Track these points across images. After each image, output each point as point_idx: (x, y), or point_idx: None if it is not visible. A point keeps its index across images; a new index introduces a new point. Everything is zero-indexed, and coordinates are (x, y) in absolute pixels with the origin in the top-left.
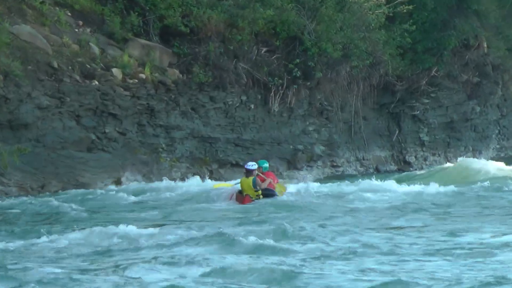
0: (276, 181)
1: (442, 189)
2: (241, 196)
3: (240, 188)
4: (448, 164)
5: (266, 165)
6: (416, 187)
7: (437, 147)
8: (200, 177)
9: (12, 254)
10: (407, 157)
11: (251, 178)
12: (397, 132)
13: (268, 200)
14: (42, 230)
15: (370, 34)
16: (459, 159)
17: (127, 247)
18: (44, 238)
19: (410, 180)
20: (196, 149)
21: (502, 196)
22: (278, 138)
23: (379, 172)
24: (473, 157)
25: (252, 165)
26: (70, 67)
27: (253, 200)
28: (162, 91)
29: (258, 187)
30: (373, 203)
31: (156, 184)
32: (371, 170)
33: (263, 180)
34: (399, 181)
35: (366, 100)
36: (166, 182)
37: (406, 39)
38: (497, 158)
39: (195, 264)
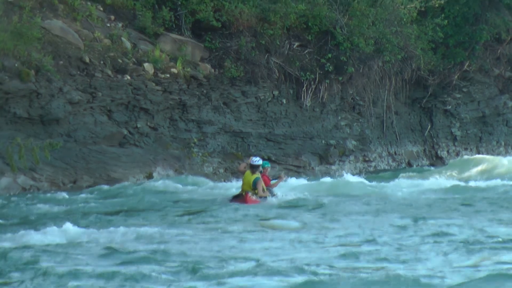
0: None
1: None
2: (241, 197)
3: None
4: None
5: (267, 166)
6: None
7: (469, 142)
8: (233, 174)
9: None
10: (439, 151)
11: (254, 176)
12: (429, 126)
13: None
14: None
15: (402, 28)
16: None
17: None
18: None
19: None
20: (228, 144)
21: None
22: (310, 133)
23: (411, 167)
24: (505, 152)
25: (257, 161)
26: (101, 62)
27: (257, 201)
28: (194, 86)
29: (256, 190)
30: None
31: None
32: (403, 165)
33: (268, 182)
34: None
35: (398, 95)
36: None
37: (438, 33)
38: None
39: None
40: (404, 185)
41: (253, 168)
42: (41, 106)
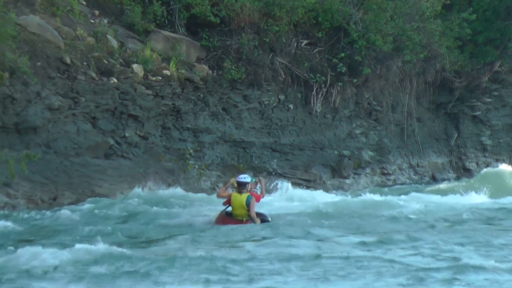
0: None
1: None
2: (227, 218)
3: (226, 209)
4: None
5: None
6: None
7: (501, 152)
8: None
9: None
10: (467, 163)
11: (245, 195)
12: (455, 135)
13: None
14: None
15: (425, 24)
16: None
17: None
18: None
19: None
20: (228, 155)
21: None
22: (321, 143)
23: (436, 181)
24: None
25: (244, 178)
26: (84, 63)
27: (242, 222)
28: (189, 90)
29: (251, 209)
30: None
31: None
32: (427, 179)
33: (258, 199)
34: None
35: (420, 99)
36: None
37: (465, 29)
38: None
39: None
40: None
41: (241, 186)
42: (16, 113)
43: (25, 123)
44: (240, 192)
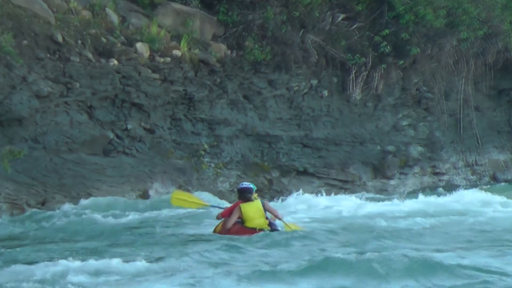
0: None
1: None
2: (242, 228)
3: (235, 218)
4: None
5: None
6: None
7: None
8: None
9: None
10: None
11: (258, 201)
12: None
13: None
14: None
15: None
16: None
17: None
18: None
19: None
20: (250, 151)
21: None
22: (361, 136)
23: (497, 182)
24: None
25: (248, 184)
26: (79, 42)
27: (255, 231)
28: (203, 73)
29: (273, 210)
30: None
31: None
32: (486, 179)
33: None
34: None
35: (479, 84)
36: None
37: None
38: None
39: None
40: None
41: (248, 193)
42: None
43: (9, 113)
44: (248, 199)
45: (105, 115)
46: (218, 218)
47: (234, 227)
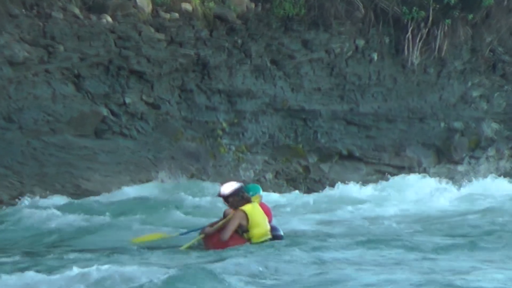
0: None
1: None
2: (237, 237)
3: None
4: None
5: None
6: None
7: None
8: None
9: None
10: None
11: (256, 204)
12: None
13: None
14: None
15: None
16: None
17: None
18: None
19: None
20: (280, 130)
21: None
22: (420, 111)
23: None
24: None
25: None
26: None
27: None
28: (220, 33)
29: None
30: None
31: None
32: None
33: (267, 211)
34: None
35: None
36: None
37: None
38: None
39: None
40: None
41: (245, 192)
42: None
43: None
44: (248, 200)
45: (97, 87)
46: (206, 233)
47: (233, 239)
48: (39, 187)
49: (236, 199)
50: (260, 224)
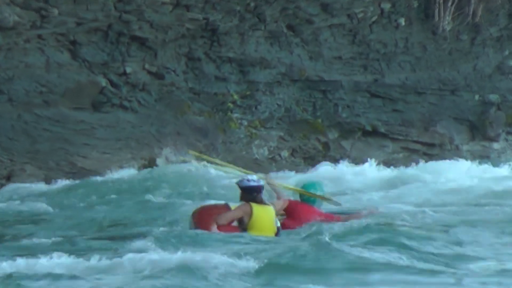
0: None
1: None
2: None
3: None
4: None
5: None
6: None
7: None
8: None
9: None
10: None
11: (271, 208)
12: None
13: None
14: None
15: None
16: None
17: None
18: None
19: None
20: (298, 103)
21: None
22: (452, 82)
23: None
24: None
25: (253, 180)
26: None
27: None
28: None
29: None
30: None
31: None
32: None
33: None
34: None
35: None
36: None
37: None
38: None
39: None
40: None
41: (257, 193)
42: None
43: None
44: (260, 201)
45: (95, 54)
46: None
47: (227, 227)
48: (31, 165)
49: (247, 197)
50: (260, 228)
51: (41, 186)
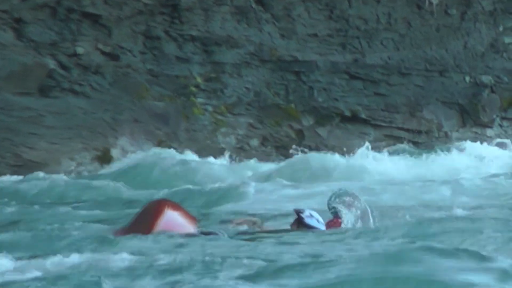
0: None
1: None
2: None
3: None
4: None
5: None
6: None
7: None
8: (279, 149)
9: None
10: None
11: None
12: None
13: None
14: None
15: None
16: None
17: None
18: None
19: None
20: (268, 87)
21: None
22: (441, 62)
23: None
24: None
25: (312, 215)
26: None
27: None
28: None
29: None
30: None
31: None
32: None
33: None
34: None
35: None
36: None
37: None
38: None
39: None
40: None
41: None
42: None
43: None
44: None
45: (42, 34)
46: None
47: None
48: None
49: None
50: None
51: None
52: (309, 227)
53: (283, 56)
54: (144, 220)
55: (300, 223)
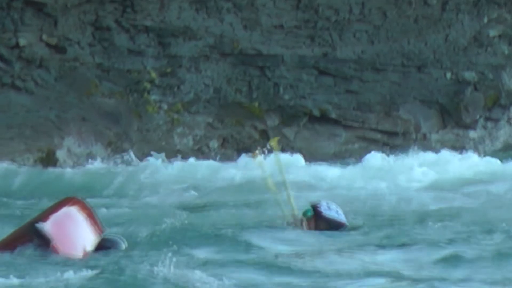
0: None
1: None
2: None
3: None
4: None
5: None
6: None
7: None
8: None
9: None
10: None
11: None
12: None
13: None
14: None
15: None
16: None
17: None
18: None
19: None
20: (229, 83)
21: None
22: (419, 57)
23: None
24: None
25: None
26: None
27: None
28: None
29: None
30: None
31: None
32: None
33: None
34: None
35: None
36: None
37: None
38: None
39: None
40: None
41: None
42: None
43: None
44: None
45: None
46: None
47: None
48: None
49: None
50: None
51: None
52: (330, 222)
53: (245, 49)
54: (45, 211)
55: (318, 218)
